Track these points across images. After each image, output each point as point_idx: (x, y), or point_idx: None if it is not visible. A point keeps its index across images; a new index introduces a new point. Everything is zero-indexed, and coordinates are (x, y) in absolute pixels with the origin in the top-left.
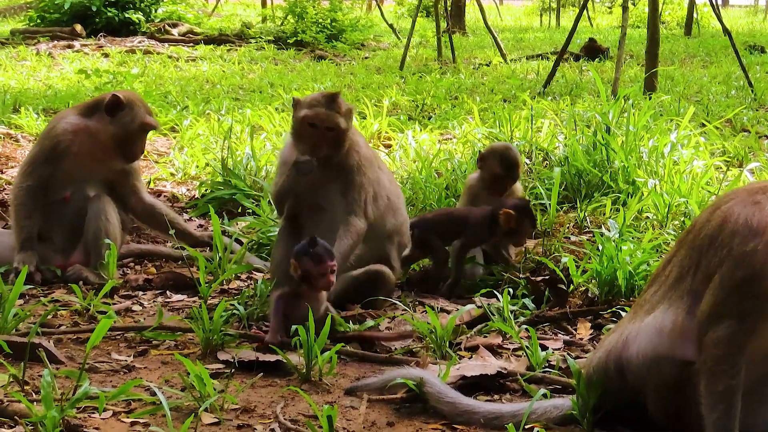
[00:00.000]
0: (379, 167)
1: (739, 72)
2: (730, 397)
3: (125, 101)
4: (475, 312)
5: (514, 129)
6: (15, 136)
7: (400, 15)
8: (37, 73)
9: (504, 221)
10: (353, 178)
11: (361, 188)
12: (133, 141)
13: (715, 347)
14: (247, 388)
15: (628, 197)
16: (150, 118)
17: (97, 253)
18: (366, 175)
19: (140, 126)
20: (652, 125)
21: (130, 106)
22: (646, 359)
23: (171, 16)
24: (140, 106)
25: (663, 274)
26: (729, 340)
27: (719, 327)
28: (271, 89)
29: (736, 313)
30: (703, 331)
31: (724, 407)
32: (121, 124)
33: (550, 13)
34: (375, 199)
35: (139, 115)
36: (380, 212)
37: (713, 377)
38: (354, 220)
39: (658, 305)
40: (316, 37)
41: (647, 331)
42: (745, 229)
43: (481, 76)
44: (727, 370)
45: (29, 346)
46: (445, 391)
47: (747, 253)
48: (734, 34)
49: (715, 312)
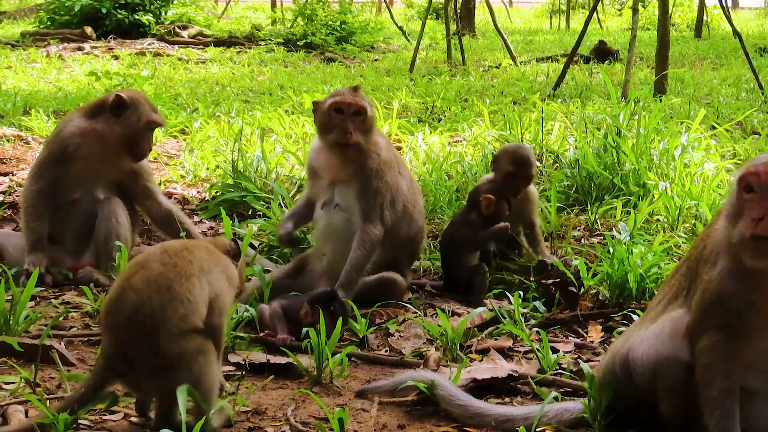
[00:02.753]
0: (399, 172)
1: (750, 74)
2: (724, 400)
3: (129, 100)
4: (486, 315)
5: (525, 131)
6: (25, 138)
7: (410, 17)
8: (47, 75)
9: (485, 207)
10: (371, 182)
11: (377, 193)
12: (139, 139)
13: (703, 356)
14: (258, 391)
15: (638, 200)
16: (155, 116)
17: (107, 255)
18: (384, 179)
19: (146, 124)
20: (662, 128)
21: (134, 105)
22: (650, 360)
23: (181, 18)
24: (144, 104)
25: (668, 285)
26: (714, 349)
27: (704, 337)
28: (280, 91)
29: (716, 324)
30: (694, 342)
31: (720, 412)
32: (127, 124)
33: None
34: (392, 203)
35: (145, 113)
36: (396, 218)
37: (706, 384)
38: (370, 228)
39: (661, 315)
40: (326, 39)
41: (651, 335)
42: (712, 255)
43: (491, 78)
44: (717, 376)
45: (41, 348)
46: (457, 394)
47: (710, 280)
48: (744, 36)
49: (700, 324)
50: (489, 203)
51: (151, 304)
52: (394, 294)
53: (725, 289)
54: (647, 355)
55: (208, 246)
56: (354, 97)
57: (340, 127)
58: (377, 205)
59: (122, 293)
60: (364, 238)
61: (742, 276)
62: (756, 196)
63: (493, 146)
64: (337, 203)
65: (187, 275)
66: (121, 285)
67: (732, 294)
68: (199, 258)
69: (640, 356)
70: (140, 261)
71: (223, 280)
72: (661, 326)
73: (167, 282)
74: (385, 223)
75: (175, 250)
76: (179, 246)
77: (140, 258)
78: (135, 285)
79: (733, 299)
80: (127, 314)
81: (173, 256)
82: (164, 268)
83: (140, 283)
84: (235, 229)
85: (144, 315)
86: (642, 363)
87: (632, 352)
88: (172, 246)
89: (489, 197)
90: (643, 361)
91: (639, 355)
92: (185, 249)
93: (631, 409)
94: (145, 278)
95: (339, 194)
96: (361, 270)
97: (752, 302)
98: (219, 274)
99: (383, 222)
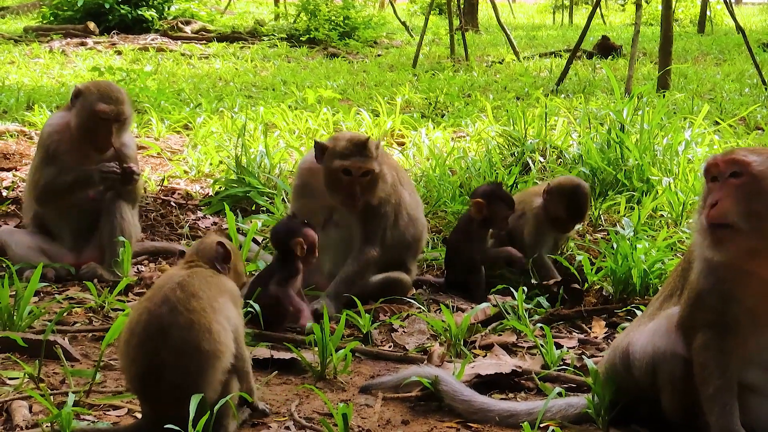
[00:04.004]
0: (400, 182)
1: (753, 70)
2: (722, 397)
3: (83, 90)
4: (490, 310)
5: (528, 127)
6: (29, 134)
7: (413, 12)
8: (50, 71)
9: (475, 212)
10: (377, 210)
11: (382, 217)
12: (91, 130)
13: (698, 355)
14: (262, 386)
15: (642, 195)
16: (102, 105)
17: (111, 250)
18: (390, 203)
19: (90, 113)
20: (666, 123)
21: (85, 95)
22: (647, 355)
23: (184, 13)
24: (95, 94)
25: (666, 283)
26: (708, 347)
27: (698, 336)
28: (284, 87)
29: (704, 322)
30: (686, 339)
31: (719, 408)
32: (78, 114)
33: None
34: (396, 221)
35: (90, 103)
36: (403, 227)
37: (704, 382)
38: (368, 250)
39: (658, 313)
40: (329, 34)
41: (649, 331)
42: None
43: (494, 73)
44: (713, 373)
45: (45, 343)
46: (460, 390)
47: (692, 279)
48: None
49: (687, 322)
50: (479, 207)
51: (187, 373)
52: (399, 293)
53: (704, 287)
54: (645, 349)
55: (204, 274)
56: (363, 161)
57: (347, 190)
58: (380, 229)
59: (153, 368)
60: (361, 258)
61: (718, 271)
62: (717, 184)
63: (497, 141)
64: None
65: (208, 327)
66: (147, 358)
67: (710, 290)
68: (208, 298)
69: (639, 351)
70: (154, 328)
71: (231, 307)
72: (658, 323)
73: (195, 343)
74: (386, 243)
75: (184, 302)
76: (183, 296)
77: (153, 324)
78: (165, 359)
79: (713, 296)
80: (166, 389)
81: (186, 312)
82: (186, 332)
83: (170, 357)
84: (238, 225)
85: (186, 387)
86: (640, 357)
87: (632, 346)
88: (178, 297)
89: (479, 201)
90: (642, 356)
91: (638, 349)
92: (192, 296)
93: (633, 403)
94: (173, 349)
95: (339, 215)
96: (351, 285)
97: (734, 297)
98: (227, 303)
99: (383, 244)
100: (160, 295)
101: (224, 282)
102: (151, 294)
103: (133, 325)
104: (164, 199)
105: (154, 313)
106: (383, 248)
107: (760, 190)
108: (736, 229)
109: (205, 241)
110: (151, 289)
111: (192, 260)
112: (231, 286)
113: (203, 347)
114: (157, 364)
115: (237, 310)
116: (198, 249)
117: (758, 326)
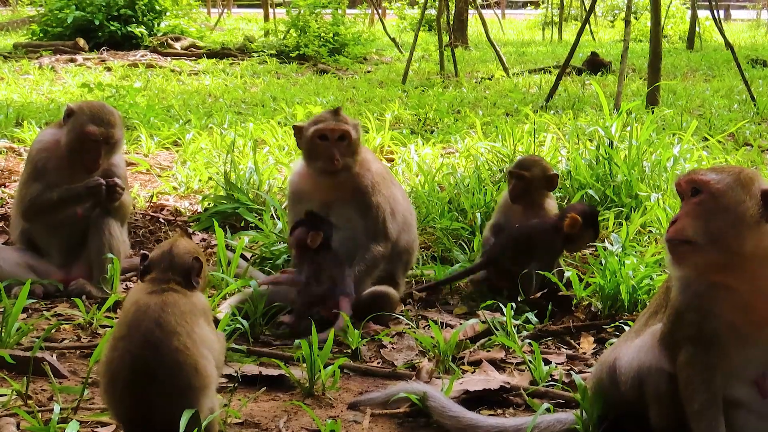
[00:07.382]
0: (392, 182)
1: (742, 86)
2: (707, 412)
3: (75, 110)
4: (478, 326)
5: (517, 143)
6: (18, 150)
7: (403, 29)
8: (39, 87)
9: (568, 225)
10: (369, 198)
11: (378, 208)
12: (80, 150)
13: (682, 371)
14: (250, 402)
15: (631, 211)
16: (92, 127)
17: (99, 267)
18: (382, 193)
19: (80, 134)
20: (654, 139)
21: (76, 115)
22: (633, 370)
23: (174, 30)
24: (86, 115)
25: (652, 300)
26: (691, 363)
27: (681, 352)
28: (273, 103)
29: (685, 338)
30: (668, 354)
31: (705, 424)
32: (67, 134)
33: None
34: (393, 215)
35: (81, 123)
36: (398, 228)
37: (688, 398)
38: (375, 246)
39: (643, 329)
40: (319, 50)
41: (635, 347)
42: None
43: (484, 89)
44: (698, 389)
45: (32, 360)
46: (449, 406)
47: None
48: (736, 48)
49: (669, 338)
50: (574, 223)
51: (178, 412)
52: (387, 308)
53: (682, 303)
54: (631, 365)
55: (177, 302)
56: (337, 123)
57: (326, 154)
58: (380, 220)
59: (144, 409)
60: (368, 255)
61: (693, 287)
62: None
63: (486, 158)
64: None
65: (194, 365)
66: (136, 401)
67: (688, 306)
68: (187, 333)
69: (626, 366)
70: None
71: (205, 326)
72: (643, 339)
73: (185, 384)
74: (391, 236)
75: (166, 342)
76: (163, 335)
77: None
78: (155, 403)
79: (691, 311)
80: (158, 427)
81: (170, 353)
82: (175, 375)
83: (160, 401)
84: (227, 241)
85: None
86: (626, 372)
87: (618, 361)
88: (159, 339)
89: (576, 217)
90: (628, 371)
91: (624, 364)
92: (172, 335)
93: (621, 418)
94: (162, 394)
95: (336, 215)
96: (360, 282)
97: (711, 312)
98: (203, 325)
99: (389, 237)
100: (138, 335)
101: (195, 301)
102: (126, 332)
103: (115, 366)
104: (153, 216)
105: (138, 356)
106: (390, 242)
107: (718, 207)
108: (695, 245)
109: (176, 253)
110: (124, 322)
111: (164, 278)
112: (202, 304)
113: (193, 385)
114: (148, 406)
115: (210, 326)
116: (171, 263)
117: (740, 340)
